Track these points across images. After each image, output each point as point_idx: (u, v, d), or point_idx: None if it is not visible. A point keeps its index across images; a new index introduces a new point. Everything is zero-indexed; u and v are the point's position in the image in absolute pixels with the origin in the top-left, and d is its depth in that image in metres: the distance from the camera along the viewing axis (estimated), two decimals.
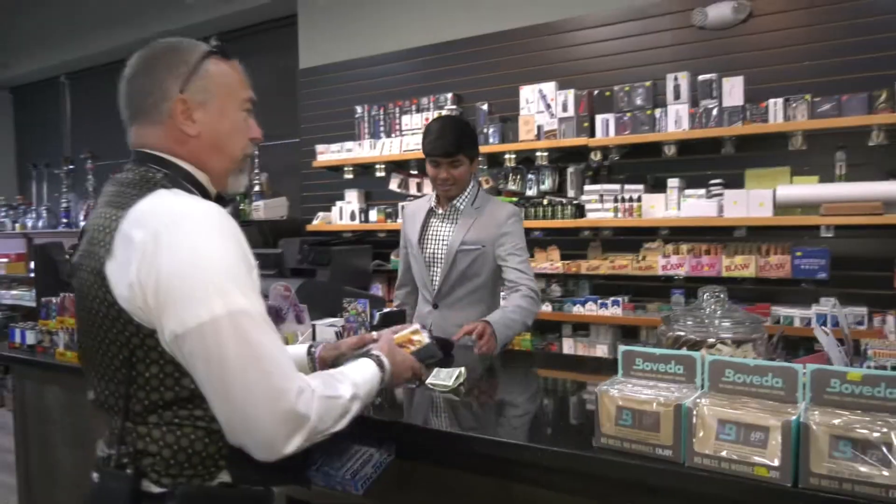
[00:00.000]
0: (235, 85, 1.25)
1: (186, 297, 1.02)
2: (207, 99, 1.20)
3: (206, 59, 1.21)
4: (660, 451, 1.22)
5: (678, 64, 3.43)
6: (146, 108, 1.18)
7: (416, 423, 1.65)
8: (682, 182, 3.35)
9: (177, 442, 1.09)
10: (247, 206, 4.72)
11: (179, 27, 5.68)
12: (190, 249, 1.03)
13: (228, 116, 1.23)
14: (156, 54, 1.20)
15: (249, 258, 1.12)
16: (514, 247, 2.46)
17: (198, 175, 1.22)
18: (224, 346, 1.02)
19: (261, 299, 1.11)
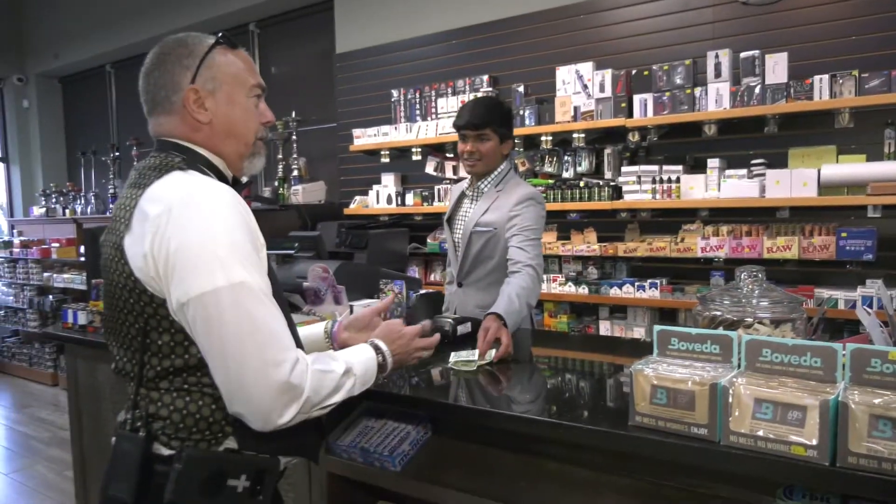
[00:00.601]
0: (242, 73, 1.30)
1: (192, 268, 1.08)
2: (216, 87, 1.26)
3: (213, 50, 1.27)
4: (695, 430, 1.22)
5: (719, 41, 3.35)
6: (161, 100, 1.25)
7: (453, 401, 1.68)
8: (723, 162, 3.29)
9: (185, 407, 1.15)
10: (285, 190, 4.80)
11: (219, 14, 5.77)
12: (199, 224, 1.10)
13: (238, 103, 1.29)
14: (166, 50, 1.27)
15: (257, 238, 1.17)
16: (520, 227, 2.36)
17: (214, 160, 1.28)
18: (223, 315, 1.07)
19: (265, 277, 1.15)
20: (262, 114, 1.34)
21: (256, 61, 6.02)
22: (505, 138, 2.50)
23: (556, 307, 3.84)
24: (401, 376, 1.92)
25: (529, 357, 2.15)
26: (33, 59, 7.82)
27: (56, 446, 4.73)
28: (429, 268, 4.46)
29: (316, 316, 2.05)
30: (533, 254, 2.33)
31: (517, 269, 2.29)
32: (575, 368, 2.06)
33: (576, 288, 3.67)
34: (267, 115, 1.35)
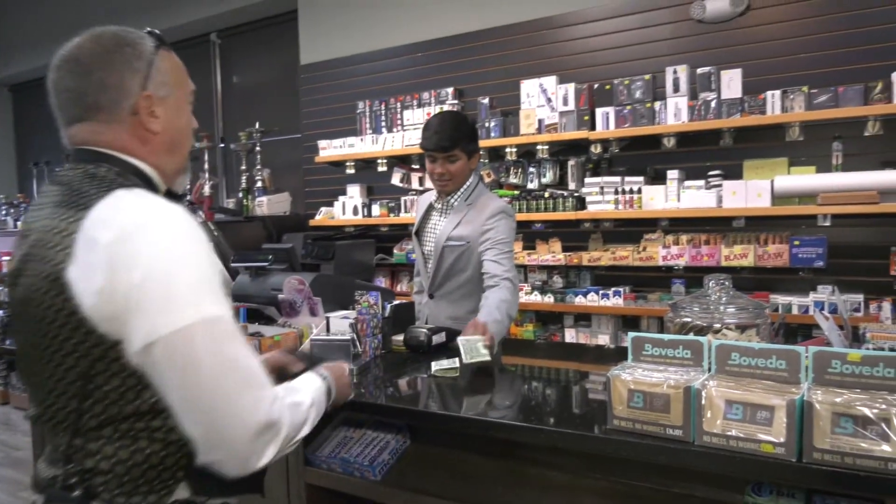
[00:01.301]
0: (184, 78, 1.21)
1: (158, 304, 0.95)
2: (168, 94, 1.14)
3: (158, 51, 1.14)
4: (670, 431, 1.28)
5: (677, 57, 3.48)
6: (104, 106, 1.09)
7: (431, 409, 1.70)
8: (682, 174, 3.41)
9: (131, 457, 1.01)
10: (249, 201, 4.76)
11: (179, 24, 5.70)
12: (162, 254, 0.97)
13: (183, 111, 1.19)
14: (109, 48, 1.10)
15: (216, 262, 1.06)
16: (493, 241, 2.39)
17: (149, 172, 1.14)
18: (197, 355, 0.96)
19: (230, 305, 1.05)
20: (194, 122, 1.24)
21: (217, 72, 5.97)
22: (472, 153, 2.52)
23: (522, 316, 3.90)
24: (377, 386, 1.95)
25: (502, 365, 2.19)
26: None
27: (9, 467, 4.57)
28: (395, 278, 4.48)
29: (292, 328, 2.06)
30: (508, 266, 2.36)
31: (495, 283, 2.32)
32: (547, 375, 2.11)
33: (541, 297, 3.73)
34: (195, 124, 1.25)
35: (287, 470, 1.88)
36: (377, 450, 1.77)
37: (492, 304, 2.22)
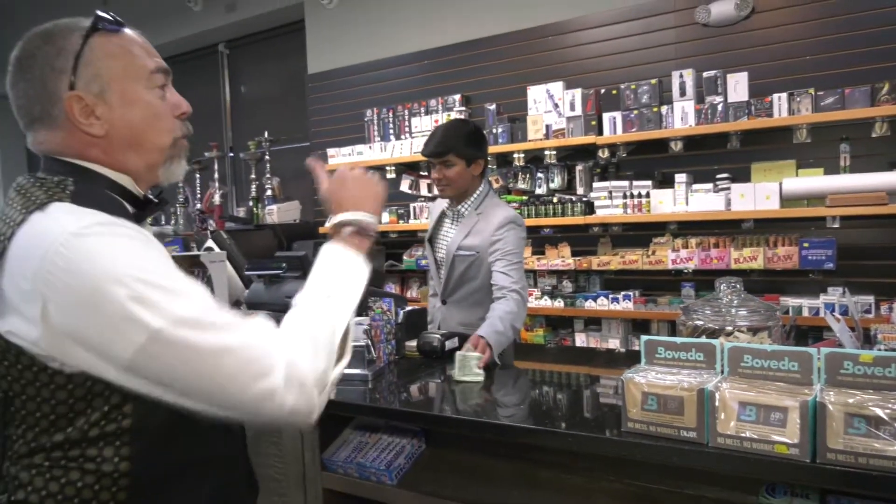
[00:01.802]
0: (134, 61, 1.02)
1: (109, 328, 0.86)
2: (104, 88, 0.99)
3: (89, 40, 0.99)
4: (685, 433, 1.29)
5: (683, 61, 3.50)
6: (38, 115, 0.99)
7: (446, 413, 1.72)
8: (690, 177, 3.42)
9: (61, 490, 0.91)
10: (260, 210, 4.80)
11: (188, 35, 5.77)
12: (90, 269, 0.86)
13: (137, 101, 1.02)
14: (30, 51, 0.99)
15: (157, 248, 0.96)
16: (502, 252, 2.40)
17: (119, 178, 1.03)
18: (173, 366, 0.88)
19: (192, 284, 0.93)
20: (175, 105, 1.07)
21: (226, 82, 6.02)
22: (472, 159, 2.49)
23: (533, 321, 3.91)
24: (392, 392, 1.97)
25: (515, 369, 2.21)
26: None
27: None
28: (405, 284, 4.51)
29: None
30: (516, 277, 2.37)
31: (502, 295, 2.33)
32: (559, 379, 2.13)
33: (551, 301, 3.75)
34: (181, 106, 1.08)
35: (304, 475, 1.91)
36: (393, 454, 1.79)
37: (496, 316, 2.24)
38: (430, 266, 2.73)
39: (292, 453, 1.93)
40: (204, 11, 5.57)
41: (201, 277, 2.80)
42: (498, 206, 2.57)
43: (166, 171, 1.08)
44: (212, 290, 2.68)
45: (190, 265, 2.85)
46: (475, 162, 2.50)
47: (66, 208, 0.92)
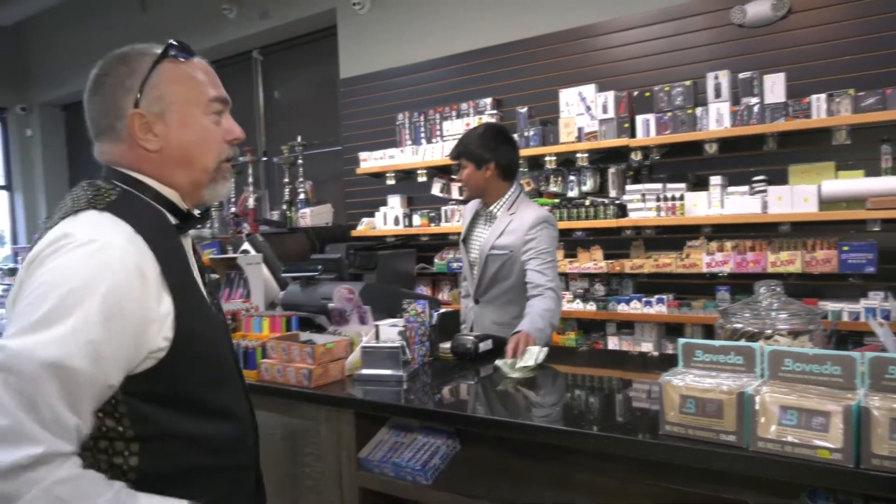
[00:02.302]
0: (196, 87, 1.13)
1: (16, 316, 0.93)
2: (165, 109, 1.10)
3: (159, 64, 1.11)
4: (724, 437, 1.28)
5: (718, 62, 3.46)
6: (105, 128, 1.11)
7: (481, 414, 1.73)
8: (725, 180, 3.38)
9: None
10: (293, 213, 4.87)
11: (222, 42, 5.88)
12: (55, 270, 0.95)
13: (193, 124, 1.12)
14: (106, 70, 1.11)
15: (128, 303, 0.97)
16: (536, 251, 2.46)
17: (165, 191, 1.13)
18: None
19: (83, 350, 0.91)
20: (228, 131, 1.17)
21: (259, 87, 6.12)
22: (482, 162, 2.54)
23: (564, 324, 3.90)
24: (426, 393, 1.99)
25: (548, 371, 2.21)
26: (36, 88, 7.91)
27: None
28: (436, 287, 4.53)
29: (342, 336, 2.12)
30: (551, 276, 2.43)
31: (538, 293, 2.39)
32: (593, 382, 2.12)
33: (583, 305, 3.73)
34: (234, 132, 1.18)
35: (340, 474, 1.93)
36: (428, 454, 1.81)
37: (535, 313, 2.31)
38: (464, 267, 2.80)
39: (329, 452, 1.95)
40: (238, 18, 5.67)
41: (238, 279, 2.86)
42: (530, 206, 2.62)
43: (210, 190, 1.17)
44: (248, 292, 2.73)
45: (227, 267, 2.91)
46: (486, 165, 2.54)
47: (92, 219, 1.01)
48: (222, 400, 1.12)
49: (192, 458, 1.06)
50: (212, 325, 1.14)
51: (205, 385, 1.09)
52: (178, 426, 1.04)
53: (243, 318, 2.32)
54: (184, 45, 1.14)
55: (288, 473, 2.08)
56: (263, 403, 2.12)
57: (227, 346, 1.21)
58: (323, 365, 1.98)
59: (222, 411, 1.12)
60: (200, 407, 1.08)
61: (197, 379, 1.07)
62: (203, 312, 1.12)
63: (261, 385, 2.09)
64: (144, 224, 1.04)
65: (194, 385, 1.07)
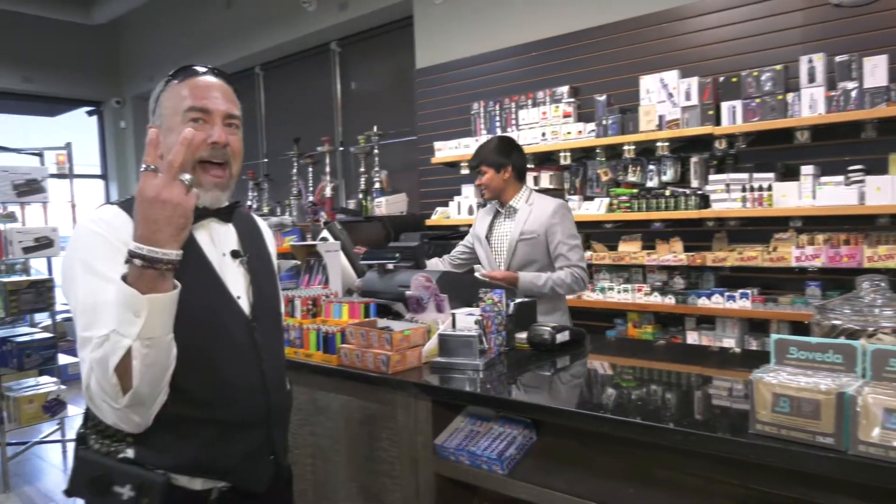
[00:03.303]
0: (178, 101, 1.32)
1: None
2: (162, 122, 1.33)
3: (166, 86, 1.35)
4: (820, 439, 1.22)
5: (812, 45, 3.27)
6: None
7: (560, 406, 1.71)
8: (817, 169, 3.21)
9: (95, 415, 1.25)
10: (368, 202, 4.95)
11: (301, 35, 6.02)
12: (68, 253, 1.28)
13: (174, 130, 1.29)
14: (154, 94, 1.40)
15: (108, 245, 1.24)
16: (564, 236, 2.87)
17: None
18: None
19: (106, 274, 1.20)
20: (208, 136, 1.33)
21: (337, 79, 6.23)
22: (500, 167, 2.98)
23: (641, 317, 3.81)
24: (502, 382, 1.98)
25: (628, 364, 2.16)
26: (130, 82, 8.34)
27: None
28: None
29: (419, 323, 2.14)
30: (576, 258, 2.87)
31: (560, 267, 2.86)
32: (672, 377, 2.07)
33: (661, 298, 3.63)
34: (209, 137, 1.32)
35: (416, 459, 1.96)
36: (504, 444, 1.81)
37: (546, 275, 2.81)
38: (485, 260, 3.09)
39: (405, 437, 1.98)
40: (318, 11, 5.79)
41: (317, 266, 2.93)
42: (544, 197, 3.03)
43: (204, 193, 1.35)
44: (327, 279, 2.79)
45: (307, 254, 2.99)
46: (504, 168, 2.98)
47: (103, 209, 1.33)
48: (210, 360, 1.31)
49: (179, 407, 1.25)
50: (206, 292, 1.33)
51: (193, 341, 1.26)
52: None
53: (323, 304, 2.38)
54: (184, 69, 1.36)
55: (365, 455, 2.12)
56: (342, 387, 2.18)
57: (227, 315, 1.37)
58: (400, 351, 2.01)
59: (208, 370, 1.31)
60: (187, 362, 1.24)
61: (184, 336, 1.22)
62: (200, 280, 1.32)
63: (339, 369, 2.14)
64: None
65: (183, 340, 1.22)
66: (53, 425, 4.71)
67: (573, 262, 2.84)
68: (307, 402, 2.32)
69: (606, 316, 3.92)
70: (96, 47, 8.19)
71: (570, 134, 3.99)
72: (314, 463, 2.32)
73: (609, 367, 2.16)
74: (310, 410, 2.31)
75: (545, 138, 4.08)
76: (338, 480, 2.23)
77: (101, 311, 1.16)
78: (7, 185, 4.29)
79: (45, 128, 8.67)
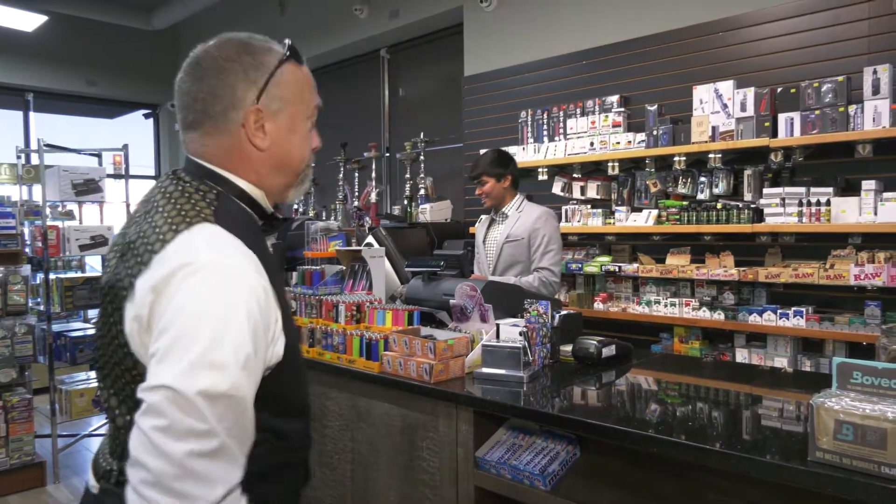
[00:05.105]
0: (307, 93, 1.15)
1: (180, 353, 0.88)
2: (280, 109, 1.09)
3: (284, 63, 1.10)
4: (886, 470, 1.16)
5: (877, 56, 3.15)
6: (213, 114, 1.06)
7: (606, 423, 1.67)
8: (880, 184, 3.08)
9: None
10: (413, 208, 4.96)
11: (353, 41, 6.09)
12: (194, 303, 0.91)
13: (298, 130, 1.13)
14: (229, 55, 1.06)
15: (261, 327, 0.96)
16: (542, 241, 3.20)
17: (253, 192, 1.11)
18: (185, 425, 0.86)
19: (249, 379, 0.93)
20: (315, 140, 1.19)
21: (385, 85, 6.29)
22: (500, 176, 3.32)
23: (688, 332, 3.71)
24: (546, 396, 1.95)
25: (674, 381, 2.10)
26: None
27: None
28: None
29: (463, 333, 2.12)
30: (548, 263, 3.18)
31: (535, 269, 3.19)
32: (721, 396, 2.00)
33: (710, 313, 3.53)
34: (316, 141, 1.19)
35: (457, 470, 1.94)
36: (547, 460, 1.77)
37: (514, 278, 3.14)
38: (480, 262, 3.40)
39: (446, 448, 1.97)
40: (369, 18, 5.85)
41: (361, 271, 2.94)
42: (533, 206, 3.39)
43: (296, 191, 1.18)
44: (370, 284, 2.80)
45: (352, 259, 3.01)
46: (503, 178, 3.33)
47: (208, 235, 0.98)
48: (302, 398, 1.13)
49: (279, 455, 1.06)
50: (295, 325, 1.14)
51: (292, 385, 1.09)
52: (269, 425, 1.02)
53: (367, 310, 2.38)
54: (298, 51, 1.13)
55: (404, 465, 2.11)
56: (383, 394, 2.17)
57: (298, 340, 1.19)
58: (444, 361, 2.00)
59: (301, 408, 1.13)
60: (286, 406, 1.08)
61: (287, 381, 1.07)
62: (290, 314, 1.10)
63: (381, 376, 2.14)
64: (247, 235, 1.03)
65: (288, 387, 1.07)
66: (103, 419, 4.85)
67: (544, 266, 3.16)
68: (348, 408, 2.33)
69: (652, 330, 3.84)
70: (155, 52, 8.45)
71: (619, 144, 3.93)
72: (354, 469, 2.32)
73: (656, 384, 2.10)
74: (350, 416, 2.32)
75: (593, 148, 4.03)
76: (376, 488, 2.22)
77: None
78: (67, 185, 4.45)
79: (104, 129, 8.98)
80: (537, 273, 3.16)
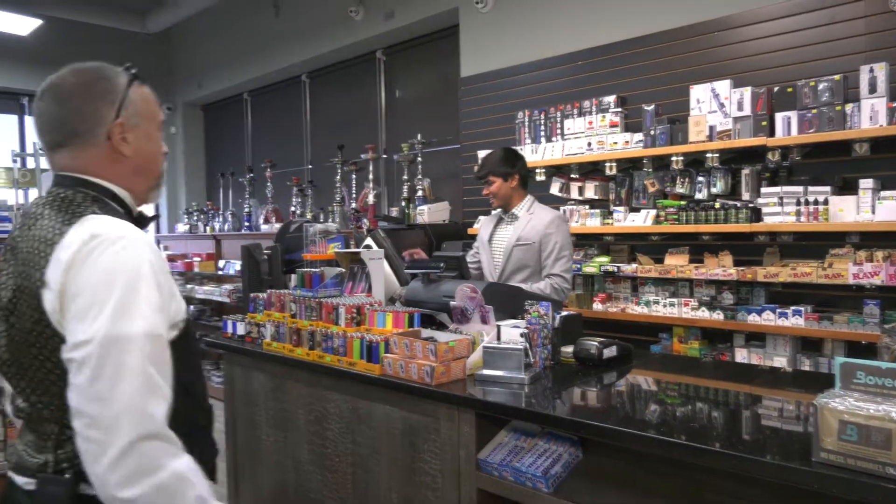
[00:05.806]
0: (155, 109, 1.34)
1: (101, 308, 1.05)
2: (137, 123, 1.28)
3: (132, 84, 1.29)
4: (891, 471, 1.16)
5: (874, 54, 3.15)
6: (82, 132, 1.23)
7: (608, 424, 1.67)
8: (877, 183, 3.08)
9: None
10: (411, 210, 4.96)
11: (349, 43, 6.08)
12: (111, 265, 1.09)
13: (153, 139, 1.32)
14: (87, 80, 1.24)
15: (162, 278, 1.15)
16: (555, 247, 3.08)
17: (123, 195, 1.28)
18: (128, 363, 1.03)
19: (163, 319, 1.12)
20: (164, 147, 1.39)
21: (382, 87, 6.28)
22: (507, 175, 3.21)
23: (687, 332, 3.72)
24: (547, 397, 1.95)
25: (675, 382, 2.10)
26: (180, 89, 8.56)
27: None
28: None
29: (464, 334, 2.12)
30: (559, 269, 3.07)
31: (547, 275, 3.07)
32: (721, 396, 2.00)
33: (709, 313, 3.54)
34: (164, 147, 1.39)
35: (459, 473, 1.93)
36: (549, 461, 1.77)
37: (525, 285, 2.98)
38: (486, 263, 3.30)
39: (448, 450, 1.96)
40: (364, 20, 5.84)
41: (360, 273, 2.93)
42: (544, 208, 3.27)
43: (155, 194, 1.38)
44: (370, 286, 2.80)
45: (350, 261, 3.00)
46: (511, 177, 3.22)
47: (103, 220, 1.16)
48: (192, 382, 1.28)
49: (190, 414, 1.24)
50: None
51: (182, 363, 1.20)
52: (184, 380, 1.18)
53: (367, 312, 2.38)
54: (139, 73, 1.32)
55: (406, 467, 2.11)
56: (385, 397, 2.17)
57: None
58: (445, 363, 1.99)
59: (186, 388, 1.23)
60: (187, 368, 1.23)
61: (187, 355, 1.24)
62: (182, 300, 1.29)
63: (383, 379, 2.13)
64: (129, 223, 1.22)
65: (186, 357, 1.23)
66: None
67: (557, 273, 3.05)
68: (349, 411, 2.32)
69: (651, 330, 3.84)
70: (150, 55, 8.42)
71: (616, 144, 3.93)
72: (355, 472, 2.31)
73: (657, 385, 2.10)
74: (351, 419, 2.31)
75: (591, 148, 4.03)
76: (378, 490, 2.22)
77: None
78: None
79: None
80: (549, 280, 3.04)
